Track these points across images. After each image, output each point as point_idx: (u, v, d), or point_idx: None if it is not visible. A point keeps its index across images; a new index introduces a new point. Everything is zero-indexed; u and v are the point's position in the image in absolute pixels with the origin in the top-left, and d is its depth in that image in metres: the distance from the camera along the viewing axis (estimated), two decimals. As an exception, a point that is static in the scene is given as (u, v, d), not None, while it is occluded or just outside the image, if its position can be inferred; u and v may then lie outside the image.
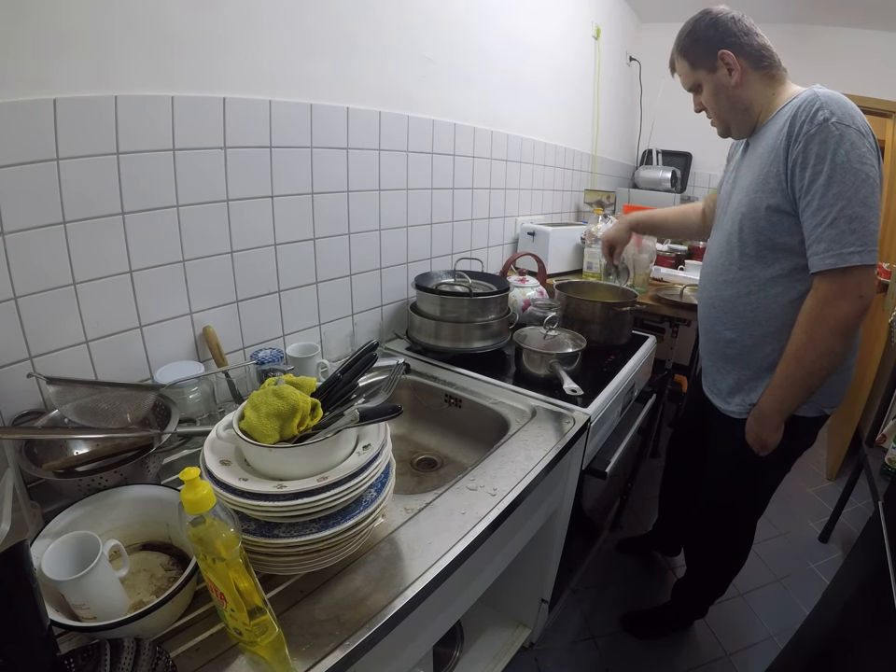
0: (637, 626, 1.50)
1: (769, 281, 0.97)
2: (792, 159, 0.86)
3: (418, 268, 1.50)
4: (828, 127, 0.81)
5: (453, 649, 1.31)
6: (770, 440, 1.02)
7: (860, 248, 0.80)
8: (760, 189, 0.94)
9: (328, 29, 1.07)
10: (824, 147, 0.81)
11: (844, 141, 0.80)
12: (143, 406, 0.78)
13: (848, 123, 0.81)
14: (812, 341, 0.89)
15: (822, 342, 0.88)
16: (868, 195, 0.80)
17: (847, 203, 0.80)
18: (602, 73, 2.45)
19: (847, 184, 0.80)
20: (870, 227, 0.80)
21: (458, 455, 1.15)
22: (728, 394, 1.11)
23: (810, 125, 0.82)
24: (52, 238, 0.76)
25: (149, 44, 0.81)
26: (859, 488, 1.89)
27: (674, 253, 2.30)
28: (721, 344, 1.09)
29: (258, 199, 1.03)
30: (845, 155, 0.80)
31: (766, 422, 1.01)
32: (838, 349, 0.88)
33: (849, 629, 0.99)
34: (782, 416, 0.99)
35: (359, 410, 0.63)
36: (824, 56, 2.47)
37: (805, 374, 0.92)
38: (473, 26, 1.50)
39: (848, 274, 0.82)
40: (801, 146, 0.84)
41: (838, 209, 0.81)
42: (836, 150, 0.80)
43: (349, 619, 0.58)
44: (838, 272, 0.83)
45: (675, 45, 1.05)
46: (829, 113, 0.81)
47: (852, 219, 0.80)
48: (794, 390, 0.95)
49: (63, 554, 0.54)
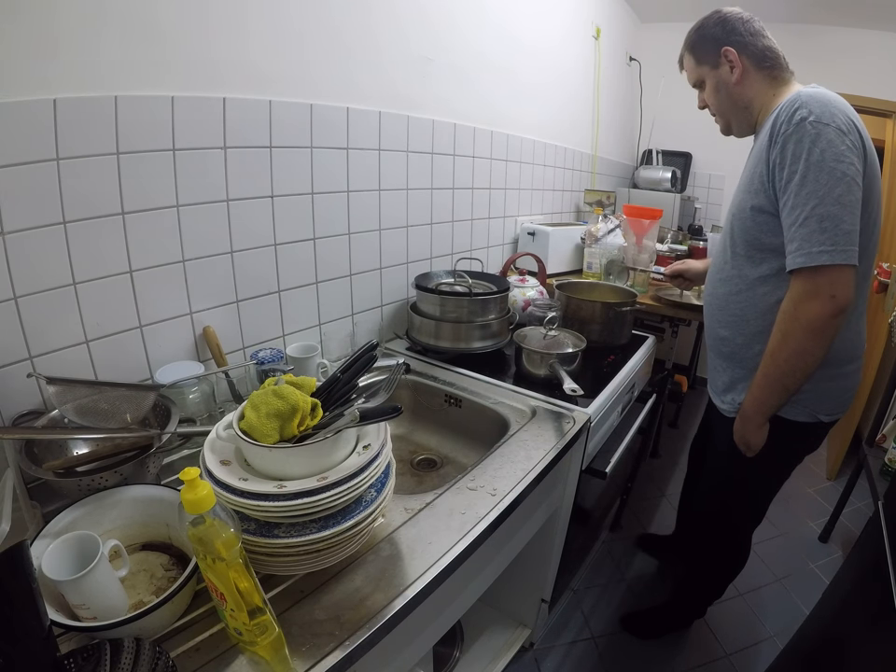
0: (637, 626, 1.50)
1: (757, 280, 0.97)
2: (772, 159, 0.86)
3: (418, 268, 1.50)
4: (804, 126, 0.80)
5: (453, 649, 1.31)
6: (753, 440, 1.01)
7: (829, 248, 0.79)
8: (747, 189, 0.95)
9: (327, 29, 1.07)
10: (800, 147, 0.81)
11: (820, 139, 0.79)
12: (143, 406, 0.78)
13: (827, 122, 0.80)
14: (785, 340, 0.89)
15: (795, 341, 0.87)
16: (843, 193, 0.79)
17: (819, 201, 0.79)
18: (602, 73, 2.45)
19: (820, 182, 0.79)
20: (843, 226, 0.79)
21: (458, 455, 1.15)
22: (723, 391, 1.12)
23: (787, 125, 0.83)
24: (52, 238, 0.76)
25: (149, 43, 0.81)
26: (859, 488, 1.89)
27: (674, 253, 2.30)
28: (717, 342, 1.10)
29: (258, 199, 1.03)
30: (820, 154, 0.79)
31: (748, 421, 1.01)
32: (811, 349, 0.86)
33: (849, 629, 1.00)
34: (762, 416, 0.98)
35: (359, 410, 0.63)
36: (825, 56, 2.47)
37: (781, 374, 0.91)
38: (473, 26, 1.50)
39: (820, 274, 0.82)
40: (779, 146, 0.84)
41: (810, 208, 0.80)
42: (811, 149, 0.80)
43: (349, 619, 0.58)
44: (810, 271, 0.82)
45: (684, 40, 1.07)
46: (807, 112, 0.81)
47: (824, 218, 0.79)
48: (772, 389, 0.94)
49: (63, 554, 0.54)
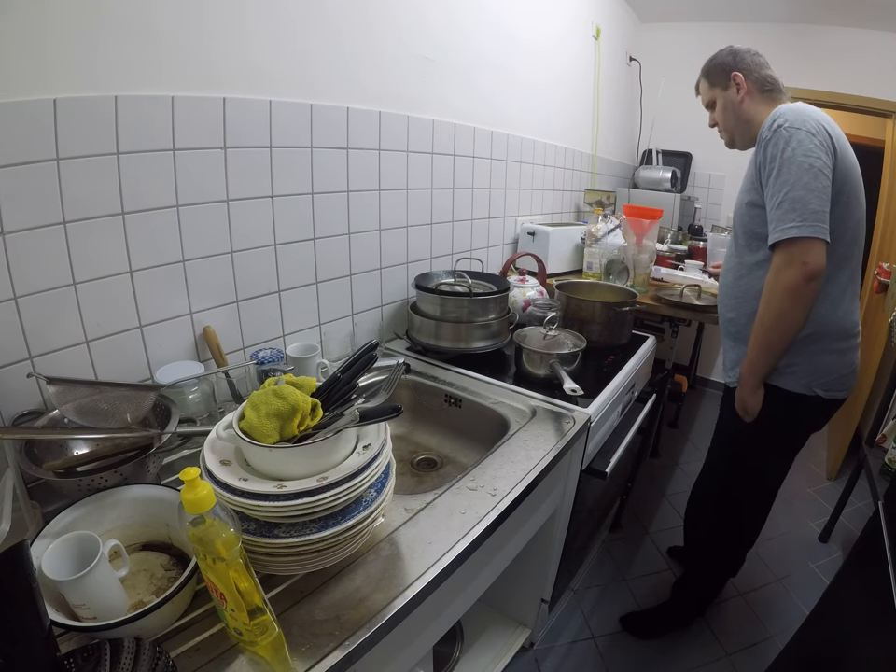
0: (637, 626, 1.50)
1: (755, 265, 1.12)
2: (758, 161, 1.04)
3: (418, 268, 1.50)
4: (780, 132, 0.99)
5: (453, 649, 1.31)
6: (749, 402, 1.13)
7: (799, 223, 0.95)
8: (743, 189, 1.13)
9: (327, 29, 1.07)
10: (776, 148, 0.99)
11: (791, 140, 0.97)
12: (143, 406, 0.78)
13: (798, 126, 0.97)
14: (769, 304, 1.03)
15: (776, 303, 1.02)
16: (810, 181, 0.95)
17: (790, 188, 0.96)
18: (602, 73, 2.45)
19: (791, 173, 0.96)
20: (810, 206, 0.94)
21: (458, 455, 1.15)
22: (730, 368, 1.24)
23: (769, 132, 1.01)
24: (52, 238, 0.76)
25: (149, 44, 0.81)
26: (859, 488, 1.89)
27: (674, 253, 2.30)
28: (726, 323, 1.24)
29: (258, 199, 1.03)
30: (791, 151, 0.97)
31: (744, 384, 1.13)
32: (790, 310, 1.01)
33: (849, 629, 1.00)
34: (755, 378, 1.11)
35: (359, 410, 0.63)
36: (825, 55, 2.47)
37: (767, 339, 1.06)
38: (473, 26, 1.50)
39: (793, 245, 0.97)
40: (762, 149, 1.03)
41: (783, 193, 0.97)
42: (785, 148, 0.97)
43: (349, 619, 0.58)
44: (785, 243, 0.98)
45: (701, 69, 1.27)
46: (783, 120, 0.99)
47: (794, 200, 0.95)
48: (760, 350, 1.08)
49: (63, 554, 0.54)
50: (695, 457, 2.45)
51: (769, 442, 1.19)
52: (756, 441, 1.19)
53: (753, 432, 1.16)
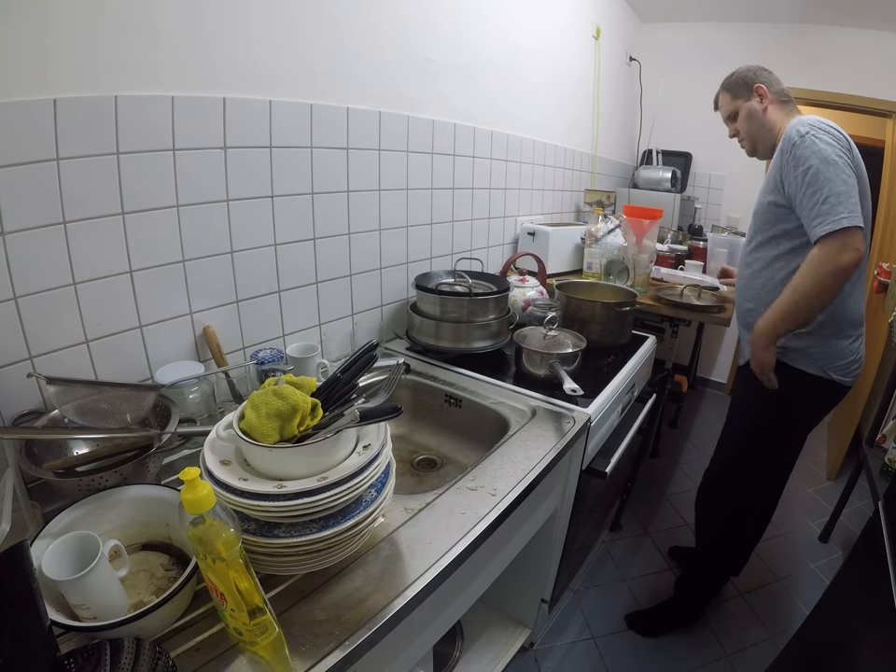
0: (641, 624, 1.51)
1: (774, 258, 1.22)
2: (783, 165, 1.13)
3: (418, 268, 1.50)
4: (810, 137, 1.09)
5: (453, 649, 1.31)
6: (764, 356, 1.20)
7: (848, 214, 1.04)
8: (765, 190, 1.22)
9: (328, 29, 1.07)
10: (809, 150, 1.08)
11: (823, 144, 1.07)
12: (143, 406, 0.78)
13: (825, 133, 1.09)
14: (815, 277, 1.08)
15: (824, 279, 1.08)
16: (847, 178, 1.05)
17: (832, 185, 1.05)
18: (602, 73, 2.45)
19: (830, 172, 1.05)
20: (851, 200, 1.04)
21: (458, 455, 1.15)
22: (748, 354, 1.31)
23: (798, 138, 1.11)
24: (52, 238, 0.76)
25: (149, 44, 0.81)
26: (859, 488, 1.89)
27: (674, 253, 2.30)
28: (744, 314, 1.33)
29: (258, 199, 1.03)
30: (825, 154, 1.06)
31: (758, 339, 1.20)
32: (830, 288, 1.08)
33: (849, 629, 1.00)
34: (769, 336, 1.18)
35: (359, 410, 0.63)
36: (825, 56, 2.47)
37: (797, 306, 1.12)
38: (473, 26, 1.50)
39: (846, 234, 1.04)
40: (790, 154, 1.11)
41: (827, 189, 1.05)
42: (818, 151, 1.07)
43: (349, 619, 0.58)
44: (839, 233, 1.04)
45: (721, 85, 1.36)
46: (809, 128, 1.10)
47: (840, 195, 1.04)
48: (785, 315, 1.15)
49: (63, 554, 0.54)
50: (695, 457, 2.45)
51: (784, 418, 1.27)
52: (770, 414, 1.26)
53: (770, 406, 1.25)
